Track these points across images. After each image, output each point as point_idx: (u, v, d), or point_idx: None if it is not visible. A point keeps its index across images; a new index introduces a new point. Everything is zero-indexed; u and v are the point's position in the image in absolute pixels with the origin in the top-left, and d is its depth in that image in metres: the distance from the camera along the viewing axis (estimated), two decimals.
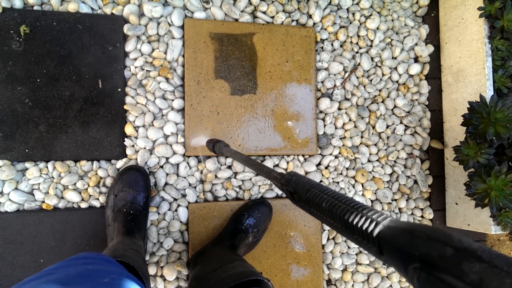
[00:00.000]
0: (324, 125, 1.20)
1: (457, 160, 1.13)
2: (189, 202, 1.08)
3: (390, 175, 1.27)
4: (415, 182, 1.29)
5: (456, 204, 1.26)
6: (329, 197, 0.38)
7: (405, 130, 1.28)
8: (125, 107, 1.04)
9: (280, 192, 1.17)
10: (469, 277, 0.22)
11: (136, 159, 1.04)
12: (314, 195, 0.40)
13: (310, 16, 1.20)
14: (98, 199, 1.03)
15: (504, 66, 1.17)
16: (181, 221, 1.08)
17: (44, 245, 0.99)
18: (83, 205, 1.02)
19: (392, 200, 1.27)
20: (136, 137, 1.05)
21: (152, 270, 1.04)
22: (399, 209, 1.28)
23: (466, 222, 1.22)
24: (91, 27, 1.02)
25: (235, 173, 1.13)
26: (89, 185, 1.02)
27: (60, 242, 0.99)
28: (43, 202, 0.99)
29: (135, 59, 1.05)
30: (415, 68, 1.28)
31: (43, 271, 0.53)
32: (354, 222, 0.34)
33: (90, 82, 1.02)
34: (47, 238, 0.99)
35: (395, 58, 1.28)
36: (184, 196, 1.08)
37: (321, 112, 1.21)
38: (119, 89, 1.04)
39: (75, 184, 1.01)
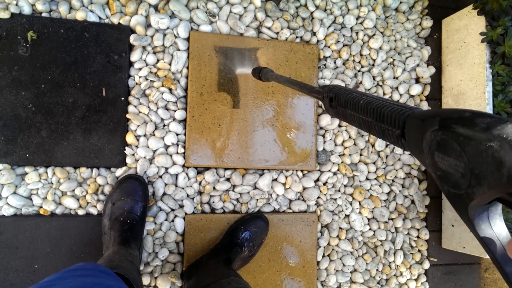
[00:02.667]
0: (324, 142, 1.21)
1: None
2: (186, 213, 1.08)
3: (388, 194, 1.28)
4: (412, 202, 1.30)
5: (452, 226, 1.26)
6: (367, 97, 0.44)
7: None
8: (128, 116, 1.04)
9: (277, 207, 1.17)
10: (479, 125, 0.26)
11: (136, 168, 1.05)
12: (353, 97, 0.46)
13: (314, 34, 1.22)
14: (95, 206, 1.03)
15: (504, 91, 1.18)
16: (177, 232, 1.08)
17: (40, 251, 0.98)
18: (80, 212, 1.02)
19: (388, 219, 1.27)
20: (136, 146, 1.05)
21: (146, 280, 1.03)
22: (396, 228, 1.29)
23: (461, 245, 1.22)
24: (97, 36, 1.04)
25: (234, 186, 1.13)
26: (87, 192, 1.02)
27: (55, 248, 0.99)
28: (41, 207, 1.00)
29: (140, 69, 1.06)
30: (416, 89, 1.29)
31: (41, 282, 0.53)
32: (387, 110, 0.38)
33: (94, 90, 1.03)
34: (43, 244, 0.99)
35: (397, 78, 1.30)
36: (181, 207, 1.09)
37: (321, 128, 1.22)
38: (122, 98, 1.05)
39: (73, 190, 1.01)
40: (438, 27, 1.35)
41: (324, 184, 1.21)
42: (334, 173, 1.22)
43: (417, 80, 1.33)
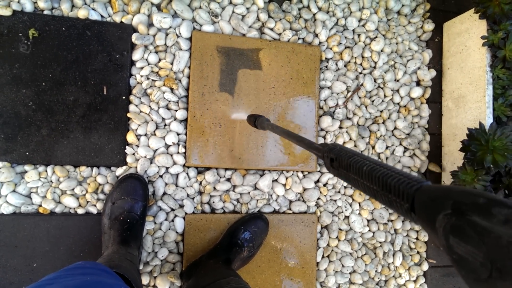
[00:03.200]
0: None
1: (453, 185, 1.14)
2: (186, 213, 1.08)
3: None
4: None
5: None
6: (370, 162, 0.42)
7: (404, 152, 1.29)
8: (129, 115, 1.04)
9: (277, 207, 1.17)
10: (497, 217, 0.24)
11: (136, 167, 1.04)
12: (356, 161, 0.44)
13: (316, 35, 1.22)
14: (95, 205, 1.02)
15: (505, 94, 1.19)
16: (177, 232, 1.07)
17: (38, 250, 0.98)
18: (80, 211, 1.02)
19: (388, 220, 1.27)
20: (137, 146, 1.05)
21: (145, 280, 1.03)
22: (395, 230, 1.29)
23: None
24: (99, 34, 1.03)
25: (234, 186, 1.13)
26: (87, 191, 1.02)
27: (54, 247, 0.99)
28: (40, 206, 0.99)
29: (142, 68, 1.06)
30: (416, 92, 1.29)
31: (41, 280, 0.53)
32: (394, 181, 0.37)
33: (95, 89, 1.02)
34: (42, 243, 0.98)
35: (398, 81, 1.30)
36: (181, 206, 1.08)
37: (322, 129, 1.22)
38: (124, 97, 1.04)
39: (73, 189, 1.01)
40: (440, 30, 1.36)
41: (324, 185, 1.21)
42: None
43: (418, 83, 1.33)
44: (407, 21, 1.32)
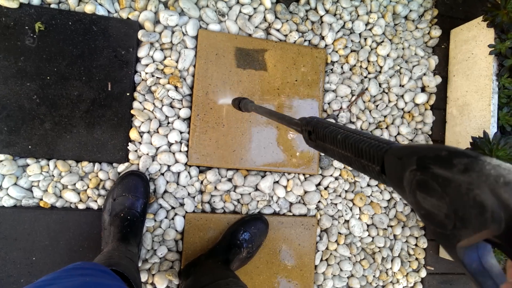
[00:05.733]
0: None
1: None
2: (186, 212, 1.08)
3: (388, 201, 1.28)
4: (412, 210, 1.30)
5: None
6: (345, 131, 0.43)
7: None
8: (132, 111, 1.04)
9: (277, 209, 1.17)
10: (457, 167, 0.25)
11: (138, 164, 1.04)
12: (331, 131, 0.45)
13: (322, 38, 1.21)
14: (96, 201, 1.02)
15: (510, 104, 1.18)
16: (176, 230, 1.07)
17: (38, 243, 0.98)
18: (81, 206, 1.02)
19: (388, 226, 1.27)
20: (140, 143, 1.05)
21: (143, 277, 1.03)
22: (394, 235, 1.29)
23: None
24: (105, 30, 1.03)
25: (235, 186, 1.13)
26: (88, 187, 1.02)
27: (54, 241, 0.99)
28: (41, 199, 0.99)
29: (147, 65, 1.06)
30: (421, 98, 1.29)
31: (40, 281, 0.52)
32: (365, 146, 0.38)
33: (99, 84, 1.02)
34: (41, 236, 0.98)
35: (403, 86, 1.29)
36: (182, 205, 1.08)
37: None
38: (128, 94, 1.04)
39: (74, 184, 1.01)
40: (447, 37, 1.35)
41: (325, 188, 1.21)
42: (336, 178, 1.22)
43: (423, 89, 1.33)
44: (414, 27, 1.31)
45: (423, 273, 1.29)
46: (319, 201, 1.20)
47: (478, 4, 1.38)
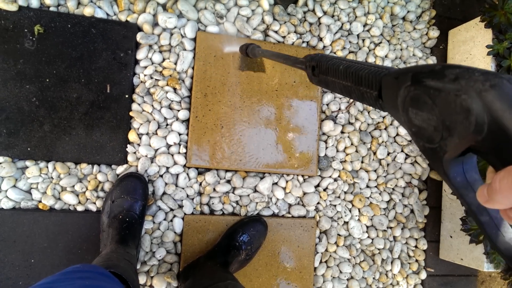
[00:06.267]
0: (326, 147, 1.21)
1: (454, 194, 1.14)
2: (185, 214, 1.08)
3: (388, 202, 1.27)
4: (412, 211, 1.29)
5: (451, 237, 1.26)
6: (347, 61, 0.45)
7: (406, 159, 1.29)
8: (131, 113, 1.04)
9: (276, 211, 1.17)
10: (448, 77, 0.26)
11: (137, 166, 1.04)
12: (334, 63, 0.47)
13: (320, 39, 1.22)
14: (95, 203, 1.02)
15: None
16: (175, 232, 1.07)
17: (37, 245, 0.98)
18: (80, 208, 1.02)
19: (387, 227, 1.27)
20: (138, 144, 1.05)
21: (142, 279, 1.03)
22: (394, 237, 1.28)
23: (459, 256, 1.22)
24: (104, 32, 1.03)
25: (234, 188, 1.13)
26: (87, 189, 1.02)
27: (52, 244, 0.99)
28: (40, 202, 0.99)
29: (145, 67, 1.06)
30: None
31: (39, 284, 0.52)
32: (365, 73, 0.39)
33: (98, 86, 1.03)
34: (40, 239, 0.98)
35: None
36: (180, 207, 1.08)
37: (324, 134, 1.22)
38: (127, 96, 1.04)
39: (73, 186, 1.01)
40: (445, 37, 1.35)
41: (325, 190, 1.21)
42: (335, 179, 1.22)
43: None
44: (412, 27, 1.31)
45: (423, 275, 1.29)
46: (318, 203, 1.20)
47: (475, 5, 1.39)
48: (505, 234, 0.29)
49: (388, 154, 1.27)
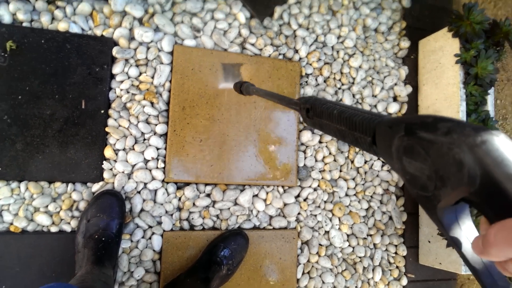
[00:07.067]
0: (305, 158, 1.22)
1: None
2: (164, 230, 1.06)
3: (367, 210, 1.29)
4: (390, 218, 1.31)
5: (429, 242, 1.29)
6: (341, 106, 0.46)
7: (382, 166, 1.32)
8: (107, 129, 1.02)
9: (257, 223, 1.16)
10: (440, 130, 0.27)
11: (113, 183, 1.02)
12: (328, 107, 0.48)
13: (296, 51, 1.24)
14: (69, 223, 0.99)
15: (477, 110, 1.23)
16: (154, 250, 1.05)
17: (8, 270, 0.94)
18: (53, 229, 0.98)
19: (367, 235, 1.28)
20: (115, 161, 1.03)
21: None
22: (374, 244, 1.30)
23: (438, 261, 1.25)
24: (79, 47, 1.02)
25: (214, 202, 1.12)
26: (61, 208, 0.99)
27: (25, 267, 0.95)
28: (11, 224, 0.95)
29: (122, 81, 1.05)
30: (393, 107, 1.32)
31: None
32: (359, 119, 0.40)
33: (73, 102, 1.00)
34: (12, 263, 0.94)
35: (375, 96, 1.33)
36: (159, 223, 1.06)
37: (302, 144, 1.23)
38: (102, 111, 1.03)
39: (47, 206, 0.97)
40: (415, 47, 1.40)
41: (305, 200, 1.22)
42: (315, 189, 1.23)
43: (395, 99, 1.37)
44: (384, 39, 1.35)
45: (404, 281, 1.30)
46: (298, 213, 1.20)
47: (443, 16, 1.44)
48: (499, 283, 0.30)
49: (365, 162, 1.29)
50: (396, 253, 1.32)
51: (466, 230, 0.31)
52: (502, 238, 0.23)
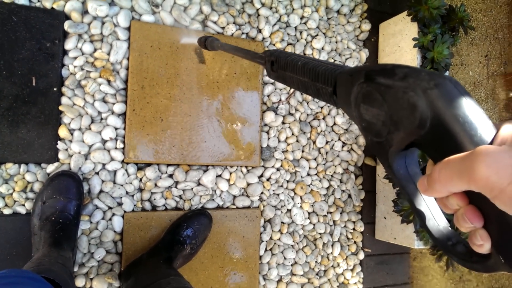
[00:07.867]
0: (268, 138, 1.23)
1: (387, 178, 1.22)
2: (125, 211, 1.04)
3: (327, 188, 1.33)
4: (349, 196, 1.36)
5: (385, 218, 1.35)
6: (305, 58, 0.47)
7: (343, 146, 1.35)
8: (60, 108, 0.98)
9: (221, 203, 1.17)
10: (398, 75, 0.29)
11: (69, 164, 0.98)
12: (292, 59, 0.48)
13: (259, 31, 1.22)
14: (24, 205, 0.95)
15: None
16: (115, 231, 1.03)
17: None
18: (7, 211, 0.94)
19: (327, 212, 1.33)
20: (70, 141, 0.99)
21: (80, 282, 0.98)
22: (334, 221, 1.35)
23: (393, 236, 1.32)
24: (27, 20, 0.95)
25: (176, 182, 1.11)
26: (14, 190, 0.94)
27: None
28: None
29: (75, 58, 1.00)
30: None
31: None
32: (322, 69, 0.41)
33: (22, 79, 0.95)
34: None
35: None
36: (120, 204, 1.04)
37: (265, 125, 1.24)
38: (55, 89, 0.98)
39: None
40: (376, 31, 1.43)
41: (268, 180, 1.23)
42: (278, 169, 1.24)
43: None
44: (346, 21, 1.37)
45: (361, 256, 1.37)
46: (262, 193, 1.22)
47: None
48: (439, 223, 0.32)
49: (327, 142, 1.32)
50: (354, 229, 1.37)
51: (414, 177, 0.33)
52: (445, 174, 0.24)
